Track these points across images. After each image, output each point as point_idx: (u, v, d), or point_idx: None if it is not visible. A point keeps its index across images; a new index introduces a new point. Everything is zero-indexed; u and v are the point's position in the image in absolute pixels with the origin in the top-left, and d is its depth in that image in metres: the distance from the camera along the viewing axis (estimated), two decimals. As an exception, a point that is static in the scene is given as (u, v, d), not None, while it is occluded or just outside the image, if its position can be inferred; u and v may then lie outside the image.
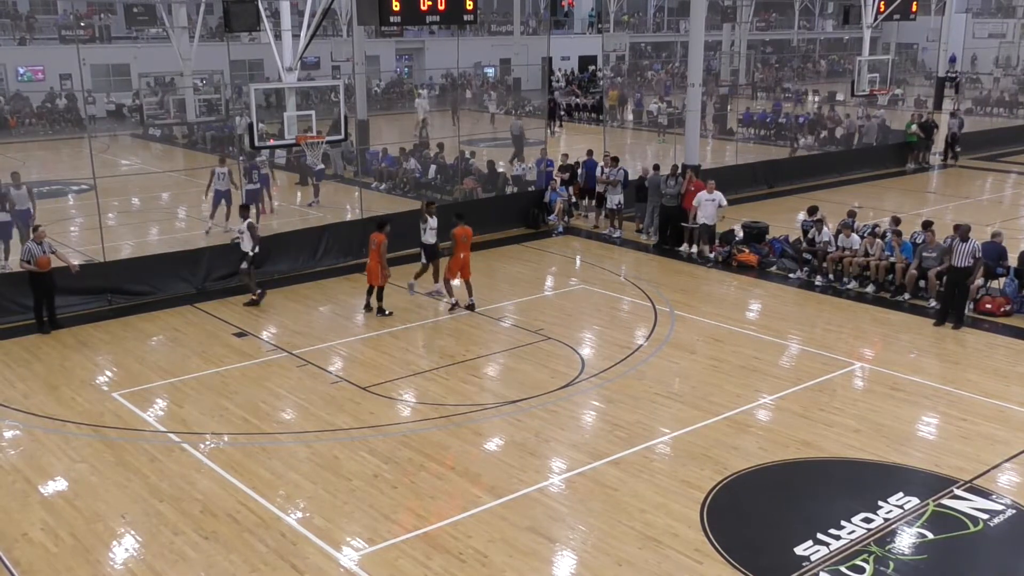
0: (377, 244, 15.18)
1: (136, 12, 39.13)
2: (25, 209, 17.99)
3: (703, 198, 18.82)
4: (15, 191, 18.00)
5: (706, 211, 18.78)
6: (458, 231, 15.56)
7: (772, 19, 66.97)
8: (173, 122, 37.72)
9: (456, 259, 15.53)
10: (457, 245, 15.51)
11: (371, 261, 15.35)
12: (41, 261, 14.35)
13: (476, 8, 16.74)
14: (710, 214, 18.79)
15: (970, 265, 14.68)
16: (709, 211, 18.77)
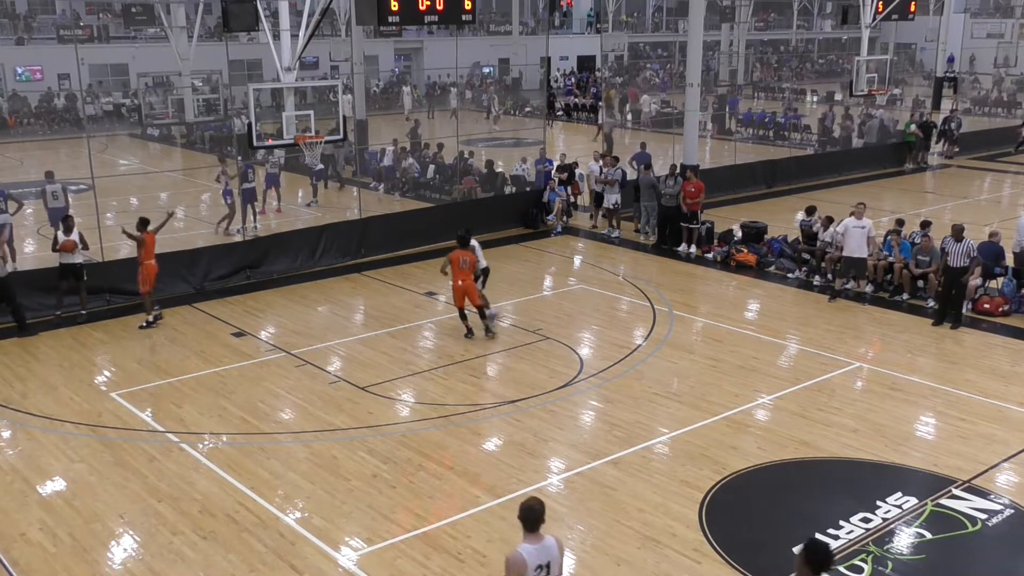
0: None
1: (134, 12, 39.08)
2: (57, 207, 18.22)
3: (850, 225, 15.86)
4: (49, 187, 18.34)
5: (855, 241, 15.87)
6: (453, 255, 13.91)
7: (771, 19, 67.01)
8: (172, 122, 37.71)
9: (455, 285, 14.03)
10: (455, 273, 13.91)
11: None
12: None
13: (475, 8, 16.75)
14: (862, 245, 15.91)
15: (966, 265, 14.70)
16: (860, 241, 15.88)
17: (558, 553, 6.24)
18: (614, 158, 21.56)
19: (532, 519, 6.18)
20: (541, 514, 6.19)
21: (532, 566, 6.08)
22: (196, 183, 27.69)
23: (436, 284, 17.36)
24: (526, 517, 6.18)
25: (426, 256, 19.21)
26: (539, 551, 6.14)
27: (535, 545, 6.15)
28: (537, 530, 6.19)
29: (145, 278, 14.74)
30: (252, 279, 17.38)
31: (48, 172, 19.05)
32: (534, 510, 6.18)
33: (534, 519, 6.18)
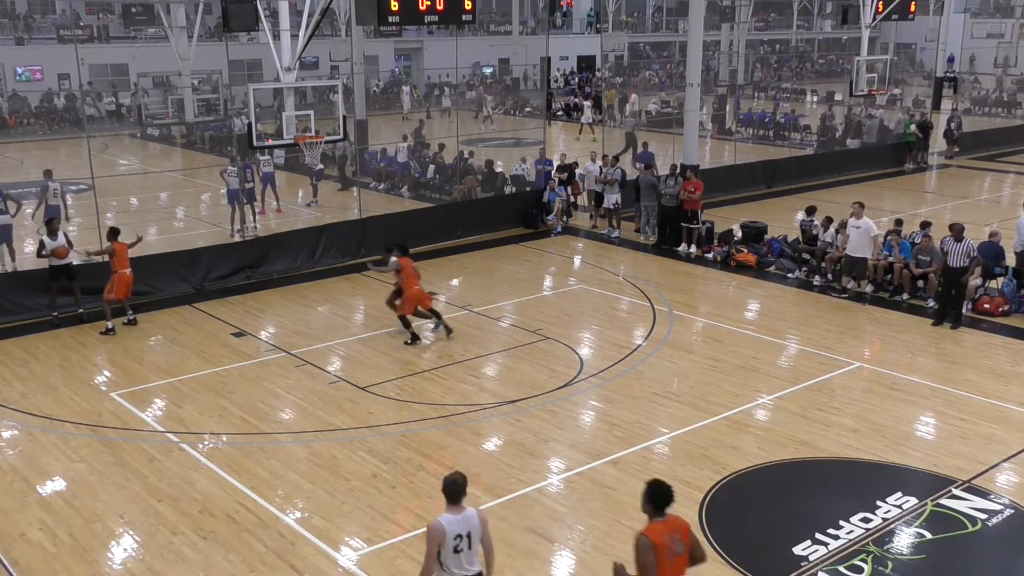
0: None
1: (134, 12, 39.07)
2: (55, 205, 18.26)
3: (849, 225, 16.10)
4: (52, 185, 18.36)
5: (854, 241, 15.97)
6: (405, 261, 14.06)
7: (771, 19, 67.00)
8: (172, 122, 37.71)
9: (411, 293, 14.00)
10: (408, 279, 14.00)
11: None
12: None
13: (475, 8, 16.74)
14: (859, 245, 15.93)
15: (966, 265, 14.70)
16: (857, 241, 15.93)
17: (479, 523, 6.54)
18: (615, 158, 21.55)
19: (454, 492, 6.49)
20: (463, 488, 6.51)
21: (451, 535, 6.41)
22: (196, 183, 27.70)
23: (436, 284, 17.36)
24: (449, 491, 6.49)
25: (426, 256, 19.18)
26: (459, 521, 6.47)
27: (456, 516, 6.47)
28: (459, 503, 6.51)
29: (112, 286, 14.67)
30: (252, 279, 17.38)
31: (47, 171, 19.05)
32: (456, 483, 6.50)
33: (456, 492, 6.49)
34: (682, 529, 6.22)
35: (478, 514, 6.58)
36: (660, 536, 6.04)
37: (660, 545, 6.01)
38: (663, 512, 6.15)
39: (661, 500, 6.14)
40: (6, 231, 17.37)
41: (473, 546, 6.54)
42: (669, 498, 6.15)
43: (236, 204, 20.49)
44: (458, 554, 6.48)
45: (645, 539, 6.01)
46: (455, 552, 6.47)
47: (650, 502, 6.16)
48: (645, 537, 6.03)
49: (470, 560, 6.55)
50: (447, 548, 6.45)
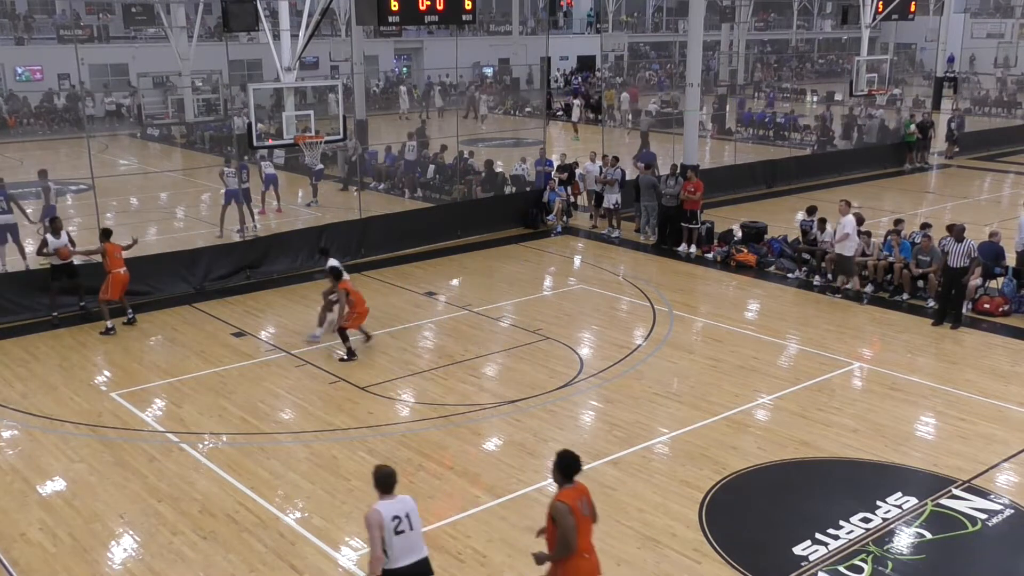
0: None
1: (134, 12, 39.08)
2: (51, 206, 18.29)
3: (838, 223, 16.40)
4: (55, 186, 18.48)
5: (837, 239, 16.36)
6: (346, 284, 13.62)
7: (771, 19, 67.00)
8: (172, 122, 37.71)
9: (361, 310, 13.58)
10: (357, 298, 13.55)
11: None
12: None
13: (475, 8, 16.74)
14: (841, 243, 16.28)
15: (966, 265, 14.70)
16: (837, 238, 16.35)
17: (414, 504, 6.95)
18: (615, 158, 21.56)
19: (387, 484, 6.91)
20: (395, 479, 6.95)
21: (389, 517, 6.76)
22: (196, 183, 27.70)
23: (436, 284, 17.40)
24: (382, 482, 6.90)
25: (426, 256, 19.23)
26: (394, 505, 6.85)
27: (390, 501, 6.87)
28: (391, 492, 6.91)
29: (106, 287, 14.68)
30: (252, 279, 17.38)
31: (42, 171, 18.99)
32: (389, 475, 6.92)
33: (388, 484, 6.91)
34: (586, 493, 6.82)
35: (411, 500, 6.97)
36: (574, 500, 6.64)
37: (575, 508, 6.60)
38: (572, 479, 6.74)
39: (570, 469, 6.73)
40: (11, 229, 17.43)
41: (415, 527, 6.86)
42: (578, 467, 6.76)
43: (236, 204, 20.47)
44: (400, 535, 6.77)
45: (563, 504, 6.57)
46: (397, 533, 6.76)
47: (560, 471, 6.73)
48: (562, 503, 6.58)
49: (417, 543, 6.88)
50: (388, 531, 6.73)
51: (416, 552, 6.87)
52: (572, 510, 6.55)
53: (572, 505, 6.58)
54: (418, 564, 6.88)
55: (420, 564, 6.89)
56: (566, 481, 6.73)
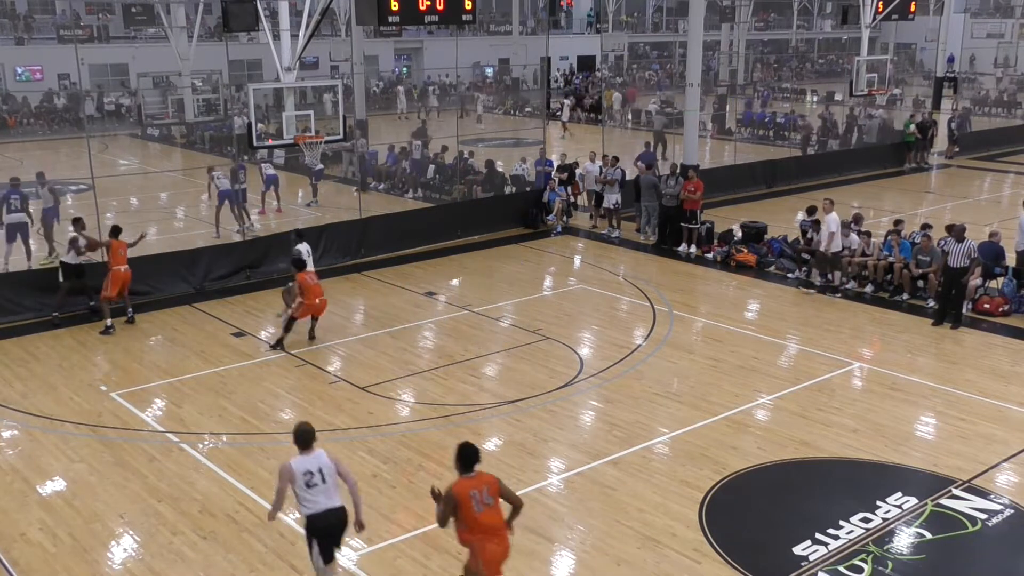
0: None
1: (134, 12, 39.09)
2: (52, 207, 18.34)
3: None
4: (41, 191, 18.35)
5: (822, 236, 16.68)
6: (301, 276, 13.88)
7: (771, 19, 66.99)
8: (172, 122, 37.70)
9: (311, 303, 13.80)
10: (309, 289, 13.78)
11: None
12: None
13: (475, 8, 16.74)
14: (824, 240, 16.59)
15: (966, 265, 14.70)
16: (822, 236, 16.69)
17: (328, 460, 7.46)
18: (614, 158, 21.57)
19: (305, 440, 7.43)
20: (313, 435, 7.46)
21: (301, 471, 7.33)
22: (196, 183, 27.63)
23: (436, 284, 17.40)
24: (300, 439, 7.43)
25: (426, 256, 19.23)
26: (308, 460, 7.39)
27: (305, 456, 7.40)
28: (310, 448, 7.42)
29: (107, 284, 14.71)
30: (252, 279, 17.38)
31: (39, 173, 18.99)
32: (307, 432, 7.45)
33: (306, 440, 7.43)
34: (490, 483, 7.21)
35: (327, 454, 7.50)
36: (465, 489, 7.10)
37: (464, 496, 7.07)
38: (471, 469, 7.19)
39: (468, 460, 7.20)
40: (22, 228, 17.47)
41: (328, 480, 7.40)
42: (476, 458, 7.21)
43: (231, 204, 20.46)
44: (312, 488, 7.36)
45: (451, 491, 7.12)
46: (308, 487, 7.35)
47: (459, 461, 7.21)
48: (452, 490, 7.12)
49: (329, 494, 7.43)
50: (300, 484, 7.35)
51: (332, 500, 7.44)
52: (458, 497, 7.08)
53: (460, 493, 7.08)
54: (329, 513, 7.44)
55: (331, 513, 7.45)
56: (465, 471, 7.19)
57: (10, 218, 17.48)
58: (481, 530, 7.16)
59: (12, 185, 17.75)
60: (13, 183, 17.81)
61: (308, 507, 7.38)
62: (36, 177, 18.63)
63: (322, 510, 7.39)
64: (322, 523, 7.43)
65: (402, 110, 42.75)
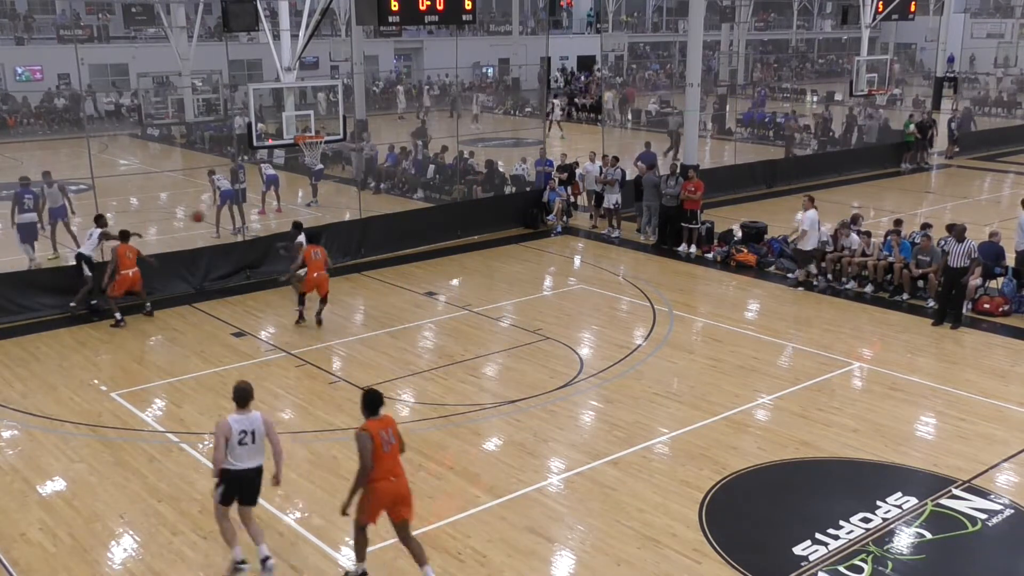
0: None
1: (134, 12, 39.07)
2: (60, 206, 18.33)
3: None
4: (48, 190, 18.30)
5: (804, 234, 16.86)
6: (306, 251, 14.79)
7: (771, 19, 66.99)
8: (172, 122, 37.69)
9: (310, 277, 14.67)
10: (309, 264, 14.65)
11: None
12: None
13: (475, 8, 16.74)
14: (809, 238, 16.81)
15: (966, 265, 14.70)
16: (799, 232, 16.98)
17: (262, 424, 8.10)
18: (614, 158, 21.57)
19: (243, 397, 8.04)
20: (250, 394, 8.10)
21: (236, 431, 7.96)
22: (196, 183, 27.64)
23: (436, 284, 17.40)
24: (238, 397, 8.03)
25: (426, 256, 19.23)
26: (244, 420, 8.01)
27: (242, 416, 8.01)
28: (247, 407, 8.04)
29: (113, 285, 14.81)
30: (252, 279, 17.38)
31: (45, 172, 19.02)
32: (245, 390, 8.06)
33: (244, 397, 8.04)
34: (391, 425, 7.90)
35: (262, 416, 8.12)
36: (376, 429, 7.73)
37: (376, 436, 7.70)
38: (377, 412, 7.84)
39: (373, 404, 7.84)
40: (31, 229, 17.47)
41: (257, 441, 8.08)
42: (380, 402, 7.89)
43: (231, 204, 20.47)
44: (243, 447, 8.02)
45: (364, 432, 7.71)
46: (240, 444, 7.99)
47: (365, 407, 7.85)
48: (364, 431, 7.72)
49: (253, 454, 8.10)
50: (233, 441, 7.96)
51: (252, 460, 8.12)
52: (372, 437, 7.66)
53: (373, 432, 7.69)
54: (252, 470, 8.14)
55: (249, 472, 8.13)
56: (372, 414, 7.82)
57: (24, 218, 17.54)
58: (384, 467, 7.76)
59: (22, 185, 17.77)
60: (23, 182, 17.83)
61: (231, 463, 8.01)
62: (42, 176, 18.61)
63: (242, 468, 8.06)
64: (235, 476, 8.07)
65: (402, 110, 42.76)
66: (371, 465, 7.66)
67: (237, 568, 8.26)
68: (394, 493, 7.85)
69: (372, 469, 7.69)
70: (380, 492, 7.79)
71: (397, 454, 7.87)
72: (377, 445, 7.69)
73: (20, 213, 17.55)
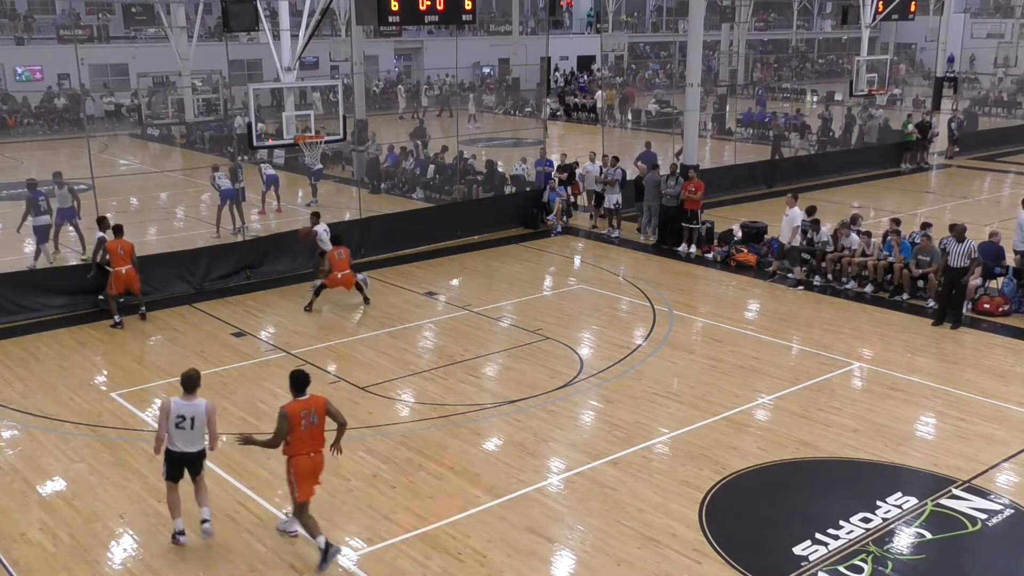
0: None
1: (134, 12, 39.04)
2: (69, 207, 18.29)
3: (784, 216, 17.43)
4: (58, 191, 18.30)
5: (782, 229, 17.46)
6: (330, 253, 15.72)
7: (771, 19, 66.97)
8: (172, 122, 37.68)
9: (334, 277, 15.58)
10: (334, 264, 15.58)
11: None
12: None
13: (475, 8, 16.74)
14: (786, 233, 17.40)
15: (966, 265, 14.71)
16: (784, 230, 17.44)
17: (203, 412, 8.49)
18: (615, 158, 21.57)
19: (187, 384, 8.46)
20: (197, 381, 8.55)
21: (175, 413, 8.41)
22: (196, 183, 27.66)
23: (436, 284, 17.40)
24: (186, 383, 8.45)
25: (426, 256, 19.24)
26: (186, 406, 8.44)
27: (186, 401, 8.45)
28: (192, 393, 8.47)
29: (110, 282, 14.76)
30: (252, 279, 17.38)
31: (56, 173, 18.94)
32: (190, 377, 8.50)
33: (188, 384, 8.46)
34: (318, 404, 8.35)
35: (206, 404, 8.51)
36: (296, 409, 8.22)
37: (294, 415, 8.19)
38: (303, 392, 8.31)
39: (299, 384, 8.33)
40: (48, 230, 17.46)
41: (196, 428, 8.45)
42: (307, 382, 8.37)
43: (231, 203, 20.44)
44: (180, 430, 8.44)
45: (283, 410, 8.23)
46: (177, 428, 8.42)
47: (292, 386, 8.34)
48: (283, 409, 8.23)
49: (190, 440, 8.48)
50: (171, 423, 8.41)
51: (191, 446, 8.51)
52: (289, 416, 8.18)
53: (291, 412, 8.20)
54: (187, 455, 8.53)
55: (189, 456, 8.53)
56: (298, 393, 8.30)
57: (41, 220, 17.58)
58: (302, 443, 8.27)
59: (31, 186, 17.76)
60: (32, 184, 17.82)
61: (170, 444, 8.50)
62: (52, 177, 18.57)
63: (179, 451, 8.52)
64: (177, 458, 8.58)
65: (403, 109, 42.77)
66: (281, 441, 8.26)
67: (176, 539, 8.72)
68: (311, 467, 8.39)
69: (290, 445, 8.27)
70: (299, 466, 8.34)
71: (319, 432, 8.39)
72: (295, 423, 8.20)
73: (37, 215, 17.57)
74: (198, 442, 8.56)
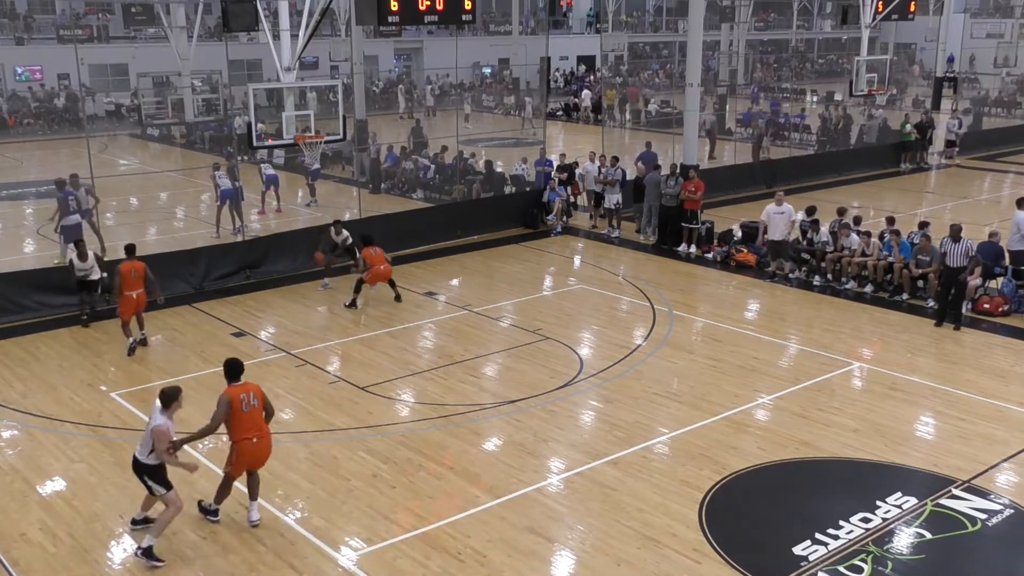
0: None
1: (134, 12, 39.05)
2: (88, 208, 18.28)
3: (771, 212, 17.53)
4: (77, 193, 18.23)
5: (776, 226, 17.46)
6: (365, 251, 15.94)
7: (771, 19, 66.97)
8: (172, 122, 37.68)
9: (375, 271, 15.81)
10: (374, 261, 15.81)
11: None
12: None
13: (475, 8, 16.73)
14: (781, 229, 17.47)
15: (964, 264, 14.71)
16: (779, 226, 17.46)
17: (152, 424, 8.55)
18: (614, 158, 21.57)
19: (166, 400, 8.60)
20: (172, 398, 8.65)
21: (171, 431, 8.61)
22: (196, 183, 27.67)
23: (436, 284, 17.40)
24: (164, 399, 8.59)
25: (426, 256, 19.24)
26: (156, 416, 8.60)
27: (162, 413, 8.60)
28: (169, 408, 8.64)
29: (120, 308, 13.82)
30: (252, 279, 17.38)
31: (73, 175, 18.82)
32: (167, 395, 8.63)
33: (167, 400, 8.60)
34: (254, 390, 8.92)
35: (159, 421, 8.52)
36: (236, 393, 8.76)
37: (235, 399, 8.72)
38: (238, 378, 8.91)
39: (234, 371, 8.95)
40: (75, 230, 17.45)
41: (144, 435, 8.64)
42: (241, 369, 9.01)
43: (231, 203, 20.43)
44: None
45: (224, 395, 8.74)
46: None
47: (227, 374, 8.93)
48: (224, 394, 8.75)
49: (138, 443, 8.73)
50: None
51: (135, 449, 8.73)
52: (231, 400, 8.68)
53: (232, 396, 8.70)
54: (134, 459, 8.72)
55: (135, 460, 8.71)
56: (234, 380, 8.87)
57: (70, 219, 17.53)
58: (245, 427, 8.73)
59: (60, 186, 17.72)
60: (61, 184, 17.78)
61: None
62: (69, 179, 18.49)
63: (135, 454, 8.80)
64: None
65: (404, 109, 42.75)
66: (219, 426, 8.72)
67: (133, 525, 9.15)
68: (255, 451, 8.89)
69: (232, 430, 8.74)
70: (242, 450, 8.81)
71: (258, 415, 8.84)
72: (236, 407, 8.68)
73: (67, 215, 17.56)
74: (142, 447, 8.64)
